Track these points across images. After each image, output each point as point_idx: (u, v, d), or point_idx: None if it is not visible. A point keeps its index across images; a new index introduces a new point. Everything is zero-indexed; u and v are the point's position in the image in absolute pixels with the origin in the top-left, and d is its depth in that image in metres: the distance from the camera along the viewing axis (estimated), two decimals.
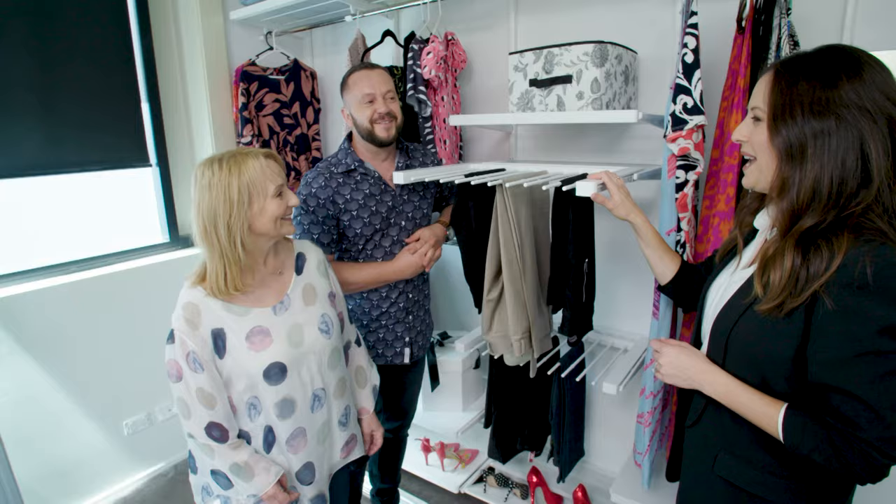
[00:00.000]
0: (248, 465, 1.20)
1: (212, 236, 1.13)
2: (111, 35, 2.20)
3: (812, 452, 0.84)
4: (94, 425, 2.18)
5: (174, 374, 1.16)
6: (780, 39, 1.29)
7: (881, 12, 1.41)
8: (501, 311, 1.60)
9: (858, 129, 0.80)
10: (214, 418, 1.17)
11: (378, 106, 1.58)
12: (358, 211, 1.61)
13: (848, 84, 0.81)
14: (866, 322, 0.78)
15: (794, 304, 0.84)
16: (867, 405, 0.79)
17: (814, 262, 0.82)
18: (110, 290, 2.19)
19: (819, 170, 0.83)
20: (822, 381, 0.83)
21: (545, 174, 1.61)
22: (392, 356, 1.75)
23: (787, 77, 0.86)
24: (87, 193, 2.26)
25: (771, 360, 0.89)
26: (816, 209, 0.84)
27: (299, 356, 1.24)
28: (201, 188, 1.13)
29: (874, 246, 0.79)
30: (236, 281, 1.15)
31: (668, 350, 1.04)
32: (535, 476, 2.08)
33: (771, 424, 0.87)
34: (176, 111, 2.43)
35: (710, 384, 0.97)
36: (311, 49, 2.71)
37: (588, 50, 1.56)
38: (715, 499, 1.02)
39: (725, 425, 0.98)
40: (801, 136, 0.83)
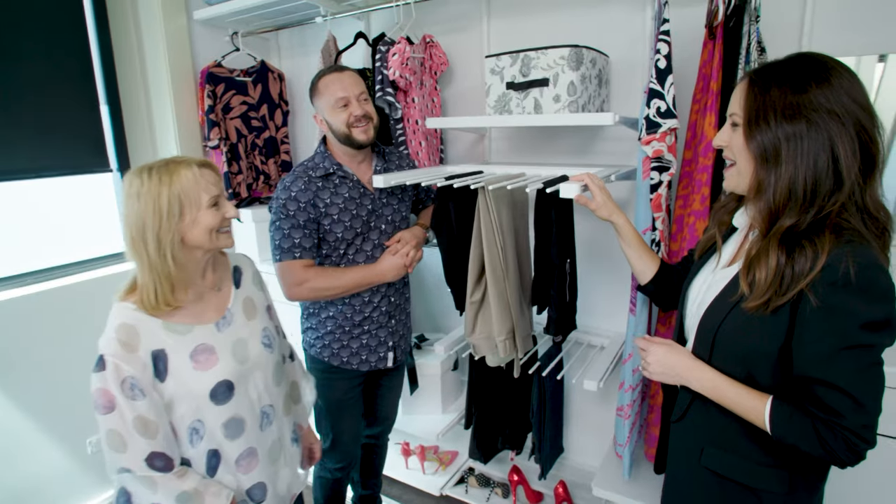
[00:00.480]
0: (198, 492, 1.12)
1: (140, 249, 1.07)
2: (65, 33, 2.09)
3: (798, 441, 0.88)
4: (56, 445, 2.07)
5: (105, 405, 1.04)
6: (749, 45, 1.35)
7: (836, 20, 1.50)
8: (485, 312, 1.61)
9: (828, 131, 0.85)
10: (156, 447, 1.08)
11: (353, 108, 1.56)
12: (339, 215, 1.59)
13: (817, 89, 0.85)
14: (849, 318, 0.83)
15: (780, 302, 0.88)
16: (849, 395, 0.83)
17: (798, 262, 0.86)
18: (70, 302, 2.08)
19: (793, 171, 0.87)
20: (807, 374, 0.87)
21: (524, 176, 1.63)
22: (376, 361, 1.74)
23: (761, 84, 0.90)
24: (43, 201, 2.14)
25: (757, 354, 0.92)
26: (793, 209, 0.88)
27: (245, 372, 1.20)
28: (129, 198, 1.08)
29: (855, 246, 0.83)
30: (167, 296, 1.09)
31: (654, 349, 1.07)
32: (515, 474, 2.10)
33: (758, 416, 0.91)
34: (137, 114, 2.33)
35: (697, 380, 1.00)
36: (277, 51, 2.66)
37: (564, 54, 1.59)
38: (702, 490, 1.05)
39: (711, 419, 1.02)
40: (775, 140, 0.87)
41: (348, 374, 1.73)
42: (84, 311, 2.11)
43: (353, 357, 1.71)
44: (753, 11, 1.33)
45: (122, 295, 1.12)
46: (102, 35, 2.20)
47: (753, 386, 0.94)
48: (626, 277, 1.97)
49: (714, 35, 1.43)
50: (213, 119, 2.27)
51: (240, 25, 2.40)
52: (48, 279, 2.09)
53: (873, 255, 0.84)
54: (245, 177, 2.41)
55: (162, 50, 2.23)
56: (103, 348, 1.06)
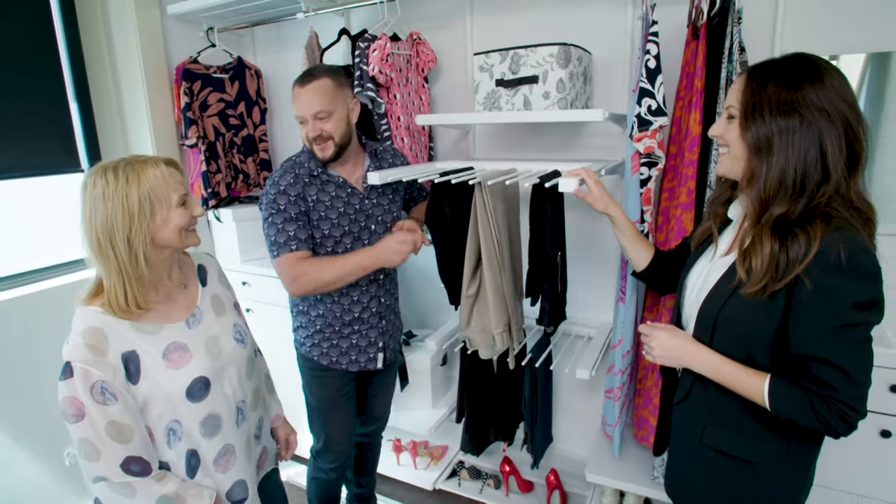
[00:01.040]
0: (179, 496, 1.10)
1: (108, 251, 1.04)
2: (30, 28, 2.00)
3: (795, 415, 0.95)
4: (31, 458, 1.98)
5: (74, 413, 1.02)
6: (731, 45, 1.42)
7: (805, 22, 1.59)
8: (480, 305, 1.63)
9: (818, 127, 0.91)
10: (132, 452, 1.05)
11: (308, 129, 1.53)
12: (325, 212, 1.58)
13: (811, 88, 0.92)
14: (842, 299, 0.89)
15: (777, 288, 0.94)
16: (841, 370, 0.90)
17: (793, 249, 0.92)
18: (43, 309, 1.99)
19: (784, 162, 0.93)
20: (803, 352, 0.94)
21: (515, 171, 1.67)
22: (366, 362, 1.73)
23: (758, 80, 0.96)
24: (11, 203, 2.04)
25: (756, 337, 0.99)
26: (784, 198, 0.94)
27: (220, 368, 1.19)
28: (94, 199, 1.04)
29: (844, 233, 0.90)
30: (138, 298, 1.07)
31: (657, 334, 1.11)
32: (507, 465, 2.15)
33: (757, 393, 0.98)
34: (109, 112, 2.25)
35: (699, 362, 1.05)
36: (252, 47, 2.60)
37: (553, 51, 1.63)
38: (704, 467, 1.11)
39: (712, 399, 1.07)
40: (769, 133, 0.94)
41: (339, 373, 1.73)
42: (54, 319, 2.00)
43: (342, 357, 1.70)
44: (736, 14, 1.40)
45: (86, 299, 1.09)
46: (69, 28, 2.11)
47: (752, 366, 1.00)
48: (608, 269, 2.05)
49: (697, 35, 1.49)
50: (191, 117, 2.21)
51: (214, 21, 2.34)
52: (14, 286, 1.99)
53: (862, 241, 0.90)
54: (224, 176, 2.36)
55: (134, 44, 2.15)
56: (69, 355, 1.02)
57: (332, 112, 1.53)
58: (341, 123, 1.55)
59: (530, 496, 2.13)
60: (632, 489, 1.77)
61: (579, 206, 1.89)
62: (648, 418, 1.75)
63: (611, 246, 2.03)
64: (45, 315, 2.00)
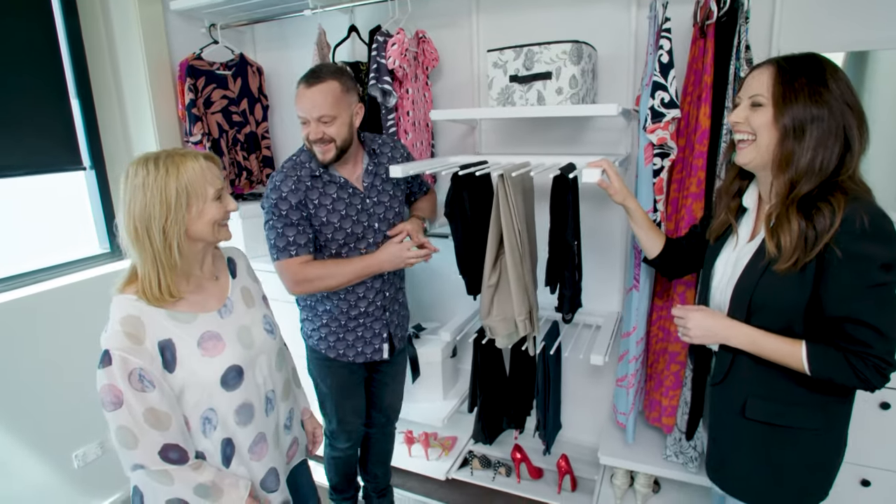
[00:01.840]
0: (215, 484, 1.12)
1: (144, 240, 1.06)
2: (31, 25, 1.96)
3: (833, 374, 1.02)
4: (40, 461, 1.94)
5: (112, 401, 1.02)
6: (739, 43, 1.50)
7: (801, 21, 1.69)
8: (501, 294, 1.68)
9: (843, 117, 1.01)
10: (170, 439, 1.06)
11: (310, 131, 1.52)
12: (327, 216, 1.60)
13: (834, 83, 1.02)
14: (869, 261, 0.98)
15: (808, 259, 1.01)
16: (874, 328, 0.99)
17: (819, 222, 1.00)
18: (47, 310, 1.95)
19: (815, 146, 1.02)
20: (837, 315, 1.01)
21: (530, 164, 1.72)
22: (372, 353, 1.76)
23: (790, 71, 1.05)
24: (11, 202, 2.00)
25: (792, 308, 1.06)
26: (812, 178, 1.03)
27: (252, 357, 1.22)
28: (134, 188, 1.06)
29: (862, 202, 0.99)
30: (171, 287, 1.09)
31: (692, 315, 1.17)
32: (518, 453, 2.20)
33: (795, 359, 1.05)
34: (110, 109, 2.22)
35: (735, 336, 1.12)
36: (253, 44, 2.60)
37: (566, 48, 1.69)
38: (748, 441, 1.16)
39: (751, 373, 1.13)
40: (804, 118, 1.02)
41: (347, 363, 1.76)
42: (63, 318, 1.99)
43: (348, 349, 1.73)
44: (744, 13, 1.48)
45: (121, 287, 1.11)
46: (71, 24, 2.07)
47: (790, 335, 1.07)
48: (613, 260, 2.12)
49: (705, 33, 1.57)
50: (195, 114, 2.20)
51: (216, 17, 2.33)
52: (18, 286, 1.95)
53: (879, 207, 1.00)
54: (227, 173, 2.35)
55: (137, 41, 2.13)
56: (108, 342, 1.03)
57: (336, 117, 1.51)
58: (344, 128, 1.54)
59: (541, 482, 2.18)
60: (645, 469, 1.85)
61: (585, 200, 1.96)
62: (661, 400, 1.82)
63: (615, 238, 2.10)
64: (51, 316, 1.96)
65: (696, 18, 1.60)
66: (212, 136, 2.29)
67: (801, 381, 1.08)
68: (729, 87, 1.54)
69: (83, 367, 2.03)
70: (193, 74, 2.20)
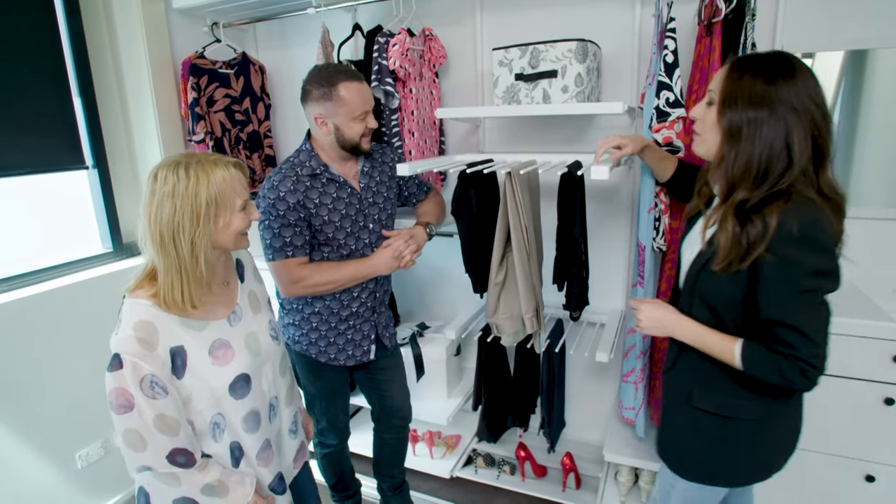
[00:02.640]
0: (221, 483, 1.12)
1: (169, 248, 1.05)
2: (33, 23, 1.95)
3: (763, 373, 1.05)
4: (43, 462, 1.93)
5: (122, 404, 1.01)
6: (745, 41, 1.51)
7: (804, 18, 1.70)
8: (507, 292, 1.69)
9: (786, 121, 1.00)
10: (178, 444, 1.06)
11: (370, 122, 1.57)
12: (328, 215, 1.60)
13: (783, 83, 1.00)
14: (800, 267, 0.99)
15: (741, 267, 1.03)
16: (800, 332, 1.01)
17: (750, 232, 1.01)
18: (49, 310, 1.94)
19: (750, 150, 1.02)
20: (768, 317, 1.03)
21: (535, 163, 1.73)
22: (360, 355, 1.77)
23: (739, 70, 1.05)
24: (12, 202, 1.99)
25: (728, 303, 1.09)
26: (747, 184, 1.03)
27: (259, 365, 1.22)
28: (163, 195, 1.04)
29: (801, 209, 0.99)
30: (193, 297, 1.08)
31: (644, 307, 1.23)
32: (522, 451, 2.20)
33: (731, 356, 1.08)
34: (113, 108, 2.21)
35: (681, 330, 1.16)
36: (254, 42, 2.59)
37: (572, 47, 1.69)
38: (694, 428, 1.21)
39: (696, 365, 1.18)
40: (740, 121, 1.03)
41: (336, 367, 1.77)
42: (66, 318, 1.99)
43: (339, 353, 1.74)
44: (751, 11, 1.49)
45: (133, 288, 1.09)
46: (73, 22, 2.06)
47: (725, 329, 1.11)
48: (615, 259, 2.13)
49: (711, 31, 1.58)
50: (199, 112, 2.19)
51: (218, 16, 2.33)
52: (18, 287, 1.94)
53: (816, 215, 0.99)
54: None
55: (140, 39, 2.12)
56: (119, 347, 1.02)
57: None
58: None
59: (546, 480, 2.19)
60: (650, 466, 1.86)
61: (589, 197, 1.97)
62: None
63: (619, 235, 2.11)
64: (54, 316, 1.95)
65: (701, 16, 1.60)
66: (214, 134, 2.28)
67: (739, 377, 1.11)
68: None
69: (86, 367, 2.03)
70: (196, 73, 2.19)
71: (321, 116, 1.55)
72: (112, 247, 2.23)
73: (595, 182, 1.96)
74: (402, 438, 2.00)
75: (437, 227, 1.83)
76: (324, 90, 1.52)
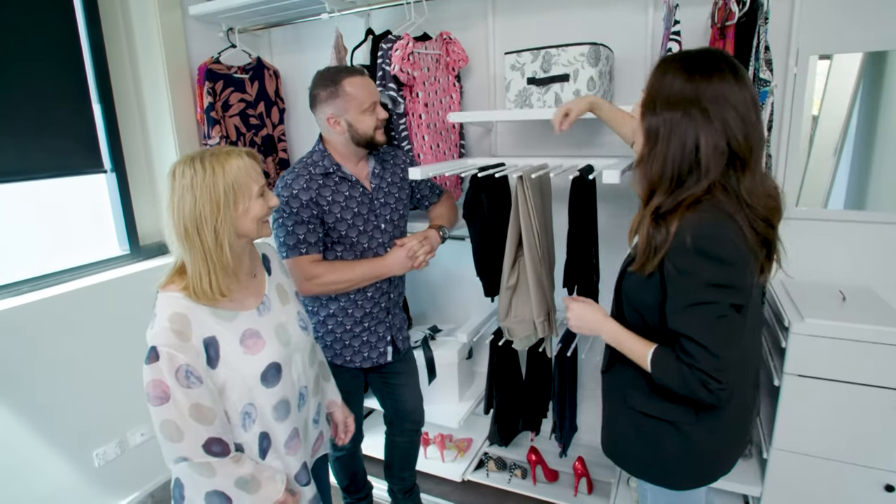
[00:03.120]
0: (254, 477, 1.15)
1: (194, 239, 1.08)
2: (55, 28, 1.99)
3: (669, 382, 1.04)
4: (61, 460, 1.96)
5: (159, 395, 1.05)
6: (758, 44, 1.49)
7: (820, 20, 1.68)
8: (519, 296, 1.68)
9: (696, 124, 0.97)
10: (214, 433, 1.09)
11: (379, 113, 1.60)
12: (341, 213, 1.61)
13: (701, 82, 0.97)
14: (695, 278, 0.98)
15: (650, 269, 1.02)
16: (700, 344, 0.99)
17: (656, 238, 1.00)
18: (68, 311, 1.98)
19: (665, 152, 1.00)
20: (672, 327, 1.02)
21: (547, 166, 1.73)
22: (377, 357, 1.78)
23: (661, 70, 1.03)
24: (35, 205, 2.03)
25: (645, 307, 1.08)
26: (664, 188, 1.01)
27: (289, 354, 1.24)
28: (182, 189, 1.07)
29: (702, 221, 0.97)
30: (221, 286, 1.11)
31: (574, 305, 1.23)
32: (533, 455, 2.19)
33: (644, 360, 1.07)
34: (130, 112, 2.25)
35: (605, 332, 1.17)
36: (269, 48, 2.62)
37: (584, 51, 1.69)
38: (632, 428, 1.19)
39: (629, 367, 1.15)
40: (657, 123, 1.01)
41: (352, 369, 1.78)
42: (84, 319, 2.02)
43: (355, 356, 1.75)
44: (764, 13, 1.47)
45: (164, 283, 1.12)
46: (93, 29, 2.10)
47: (647, 329, 1.10)
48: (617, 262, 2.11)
49: (724, 34, 1.56)
50: (214, 117, 2.23)
51: (234, 21, 2.36)
52: (45, 286, 1.98)
53: (716, 227, 0.96)
54: None
55: (157, 45, 2.16)
56: (155, 339, 1.05)
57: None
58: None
59: (557, 485, 2.18)
60: None
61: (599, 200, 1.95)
62: None
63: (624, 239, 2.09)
64: (73, 317, 1.99)
65: (714, 19, 1.59)
66: (229, 139, 2.31)
67: None
68: None
69: (104, 367, 2.07)
70: (212, 78, 2.23)
71: (333, 116, 1.57)
72: (129, 249, 2.27)
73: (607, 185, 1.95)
74: (413, 442, 2.00)
75: (449, 230, 1.83)
76: (330, 89, 1.56)
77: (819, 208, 1.85)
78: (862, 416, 1.56)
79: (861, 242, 1.80)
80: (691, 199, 0.99)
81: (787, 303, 1.67)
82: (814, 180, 1.85)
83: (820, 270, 1.87)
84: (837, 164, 1.84)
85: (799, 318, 1.56)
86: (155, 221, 2.38)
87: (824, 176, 1.86)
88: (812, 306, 1.61)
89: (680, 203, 0.99)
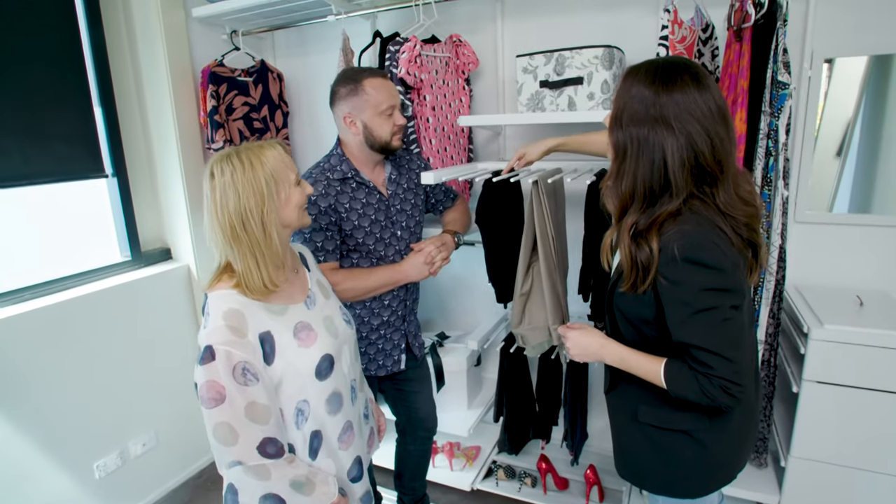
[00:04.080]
0: (309, 480, 1.13)
1: (241, 234, 1.07)
2: (56, 31, 1.95)
3: (687, 393, 1.02)
4: (61, 472, 1.91)
5: (214, 397, 1.02)
6: (776, 46, 1.47)
7: (836, 23, 1.67)
8: (532, 303, 1.66)
9: (662, 138, 0.95)
10: (268, 433, 1.06)
11: (397, 118, 1.57)
12: (358, 220, 1.58)
13: (664, 94, 0.94)
14: (691, 288, 0.96)
15: (644, 288, 1.00)
16: (711, 351, 0.97)
17: (640, 256, 0.98)
18: (68, 319, 1.93)
19: (635, 169, 0.98)
20: (679, 340, 1.00)
21: (561, 171, 1.70)
22: (391, 364, 1.75)
23: (626, 83, 1.00)
24: (34, 210, 1.99)
25: (640, 320, 1.07)
26: (637, 205, 1.00)
27: (339, 346, 1.23)
28: (224, 186, 1.06)
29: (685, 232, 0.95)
30: (271, 277, 1.10)
31: (571, 334, 1.20)
32: (544, 463, 2.16)
33: (657, 377, 1.05)
34: (132, 116, 2.21)
35: (608, 355, 1.14)
36: (272, 50, 2.59)
37: (598, 53, 1.67)
38: (647, 442, 1.17)
39: (636, 384, 1.13)
40: (624, 140, 0.99)
41: (367, 377, 1.74)
42: (85, 327, 1.98)
43: (370, 364, 1.72)
44: (783, 15, 1.45)
45: (210, 285, 1.11)
46: (95, 32, 2.07)
47: (644, 342, 1.08)
48: None
49: (741, 37, 1.55)
50: (218, 120, 2.19)
51: (237, 24, 2.33)
52: (46, 294, 1.94)
53: (699, 236, 0.95)
54: None
55: (160, 47, 2.12)
56: (210, 338, 1.03)
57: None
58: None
59: (568, 493, 2.14)
60: None
61: None
62: None
63: None
64: (73, 325, 1.94)
65: (731, 22, 1.57)
66: (233, 142, 2.27)
67: None
68: (766, 91, 1.52)
69: (105, 376, 2.02)
70: (216, 81, 2.19)
71: (349, 115, 1.55)
72: (131, 255, 2.22)
73: None
74: (426, 450, 1.96)
75: (463, 235, 1.80)
76: (350, 87, 1.54)
77: (824, 212, 1.84)
78: (882, 423, 1.55)
79: (874, 246, 1.79)
80: (666, 215, 0.97)
81: (804, 309, 1.65)
82: (818, 184, 1.84)
83: (834, 275, 1.85)
84: (843, 167, 1.83)
85: (818, 324, 1.54)
86: (157, 227, 2.34)
87: (828, 179, 1.85)
88: (830, 312, 1.59)
89: (656, 219, 0.97)
